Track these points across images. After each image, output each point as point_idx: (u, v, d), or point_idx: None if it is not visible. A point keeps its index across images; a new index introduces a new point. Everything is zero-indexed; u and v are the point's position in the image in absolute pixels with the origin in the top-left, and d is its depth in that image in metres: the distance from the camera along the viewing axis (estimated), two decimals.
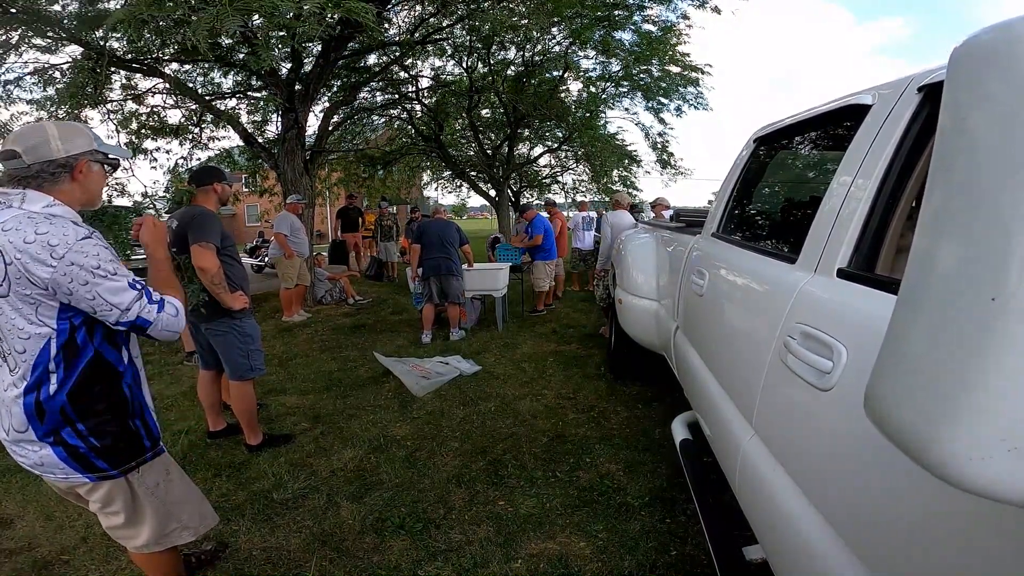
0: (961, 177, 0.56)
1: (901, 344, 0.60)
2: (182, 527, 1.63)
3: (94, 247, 1.30)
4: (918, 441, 0.56)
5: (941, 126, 0.60)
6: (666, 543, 2.20)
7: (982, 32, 0.55)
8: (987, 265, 0.51)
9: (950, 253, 0.56)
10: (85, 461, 1.39)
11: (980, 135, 0.54)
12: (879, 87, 1.38)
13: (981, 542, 0.73)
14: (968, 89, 0.57)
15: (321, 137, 8.00)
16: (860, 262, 1.17)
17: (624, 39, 9.72)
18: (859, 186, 1.24)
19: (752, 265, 1.77)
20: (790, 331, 1.24)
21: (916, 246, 0.61)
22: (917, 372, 0.57)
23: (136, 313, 1.35)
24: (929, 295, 0.57)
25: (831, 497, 1.05)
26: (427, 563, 2.12)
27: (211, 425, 3.25)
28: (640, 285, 3.38)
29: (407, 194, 17.16)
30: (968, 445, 0.51)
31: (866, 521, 0.94)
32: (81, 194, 1.41)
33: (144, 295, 1.37)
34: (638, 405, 3.66)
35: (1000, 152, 0.51)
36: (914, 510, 0.82)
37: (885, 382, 0.62)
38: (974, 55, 0.56)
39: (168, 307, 1.42)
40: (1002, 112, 0.52)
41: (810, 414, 1.14)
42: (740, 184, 2.38)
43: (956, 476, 0.52)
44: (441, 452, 3.05)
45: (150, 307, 1.37)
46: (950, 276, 0.55)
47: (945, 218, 0.58)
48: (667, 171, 13.37)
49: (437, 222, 5.58)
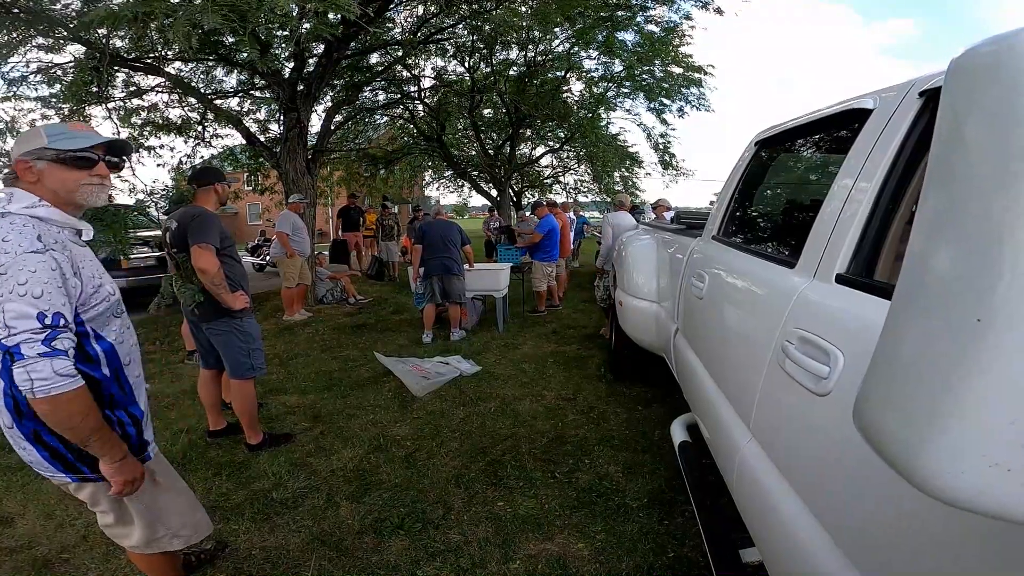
0: (956, 187, 0.56)
1: (891, 355, 0.61)
2: (172, 535, 1.62)
3: (36, 264, 1.23)
4: (900, 451, 0.56)
5: (937, 135, 0.61)
6: (664, 544, 2.20)
7: (981, 44, 0.56)
8: (976, 277, 0.51)
9: (941, 264, 0.56)
10: (65, 461, 1.39)
11: (976, 145, 0.54)
12: (881, 91, 1.38)
13: (974, 548, 0.73)
14: (966, 100, 0.57)
15: (323, 136, 8.01)
16: (859, 268, 1.17)
17: (627, 40, 9.74)
18: (859, 191, 1.24)
19: (752, 269, 1.77)
20: (788, 336, 1.24)
21: (908, 257, 0.61)
22: (904, 383, 0.58)
23: (17, 341, 1.20)
24: (917, 308, 0.57)
25: (827, 501, 1.05)
26: (426, 563, 2.12)
27: (211, 424, 3.26)
28: (640, 287, 3.38)
29: (409, 194, 17.19)
30: (950, 458, 0.52)
31: (861, 526, 0.94)
32: (52, 194, 1.36)
33: (45, 342, 1.21)
34: (638, 407, 3.66)
35: (995, 162, 0.51)
36: (908, 516, 0.83)
37: (872, 392, 0.63)
38: (973, 67, 0.56)
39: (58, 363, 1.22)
40: (998, 123, 0.52)
41: (807, 419, 1.14)
42: (741, 187, 2.38)
43: (935, 488, 0.53)
44: (441, 452, 3.06)
45: (40, 347, 1.21)
46: (939, 288, 0.55)
47: (938, 228, 0.58)
48: (669, 172, 13.39)
49: (439, 222, 5.59)
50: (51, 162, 1.36)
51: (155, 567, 1.69)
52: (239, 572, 2.09)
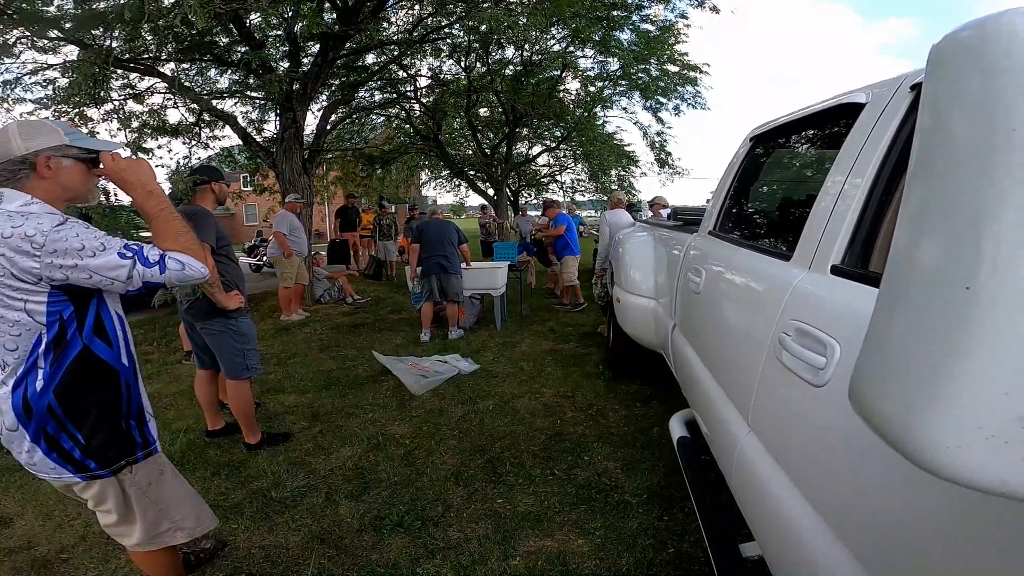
0: (940, 171, 0.56)
1: (882, 335, 0.61)
2: (175, 528, 1.63)
3: (72, 230, 1.29)
4: (898, 430, 0.56)
5: (920, 123, 0.60)
6: (664, 540, 2.20)
7: (960, 29, 0.55)
8: (963, 256, 0.51)
9: (928, 246, 0.56)
10: (74, 461, 1.39)
11: (958, 131, 0.54)
12: (873, 86, 1.39)
13: (974, 537, 0.73)
14: (946, 86, 0.57)
15: (319, 136, 7.99)
16: (854, 258, 1.18)
17: (623, 39, 9.73)
18: (853, 183, 1.25)
19: (748, 262, 1.78)
20: (785, 327, 1.24)
21: (897, 240, 0.61)
22: (897, 362, 0.57)
23: (139, 281, 1.35)
24: (909, 287, 0.57)
25: (826, 493, 1.06)
26: (425, 561, 2.12)
27: (209, 424, 3.25)
28: (638, 283, 3.39)
29: (406, 193, 17.17)
30: (945, 433, 0.51)
31: (860, 517, 0.94)
32: (60, 190, 1.39)
33: (138, 260, 1.35)
34: (636, 403, 3.67)
35: (977, 148, 0.51)
36: (908, 505, 0.83)
37: (867, 372, 0.63)
38: (952, 53, 0.56)
39: (171, 263, 1.40)
40: (978, 108, 0.52)
41: (805, 410, 1.14)
42: (736, 182, 2.39)
43: (934, 464, 0.52)
44: (439, 450, 3.06)
45: (150, 270, 1.36)
46: (928, 268, 0.55)
47: (924, 210, 0.58)
48: (665, 170, 13.40)
49: (436, 221, 5.59)
50: (75, 160, 1.41)
51: (156, 565, 1.69)
52: (239, 571, 2.09)
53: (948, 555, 0.77)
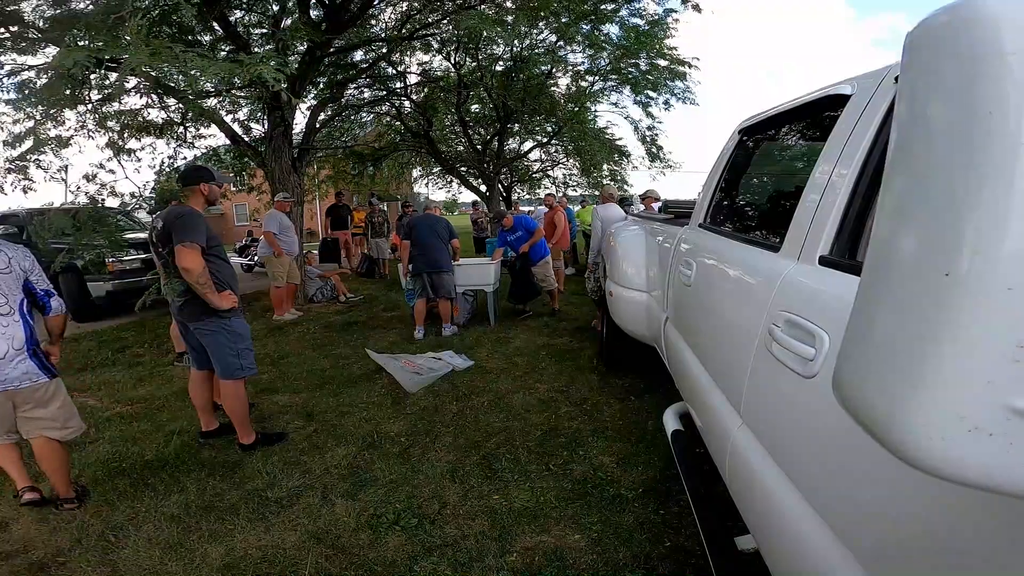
0: (918, 158, 0.55)
1: (863, 325, 0.60)
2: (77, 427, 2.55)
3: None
4: (882, 422, 0.54)
5: (897, 110, 0.60)
6: (660, 534, 2.22)
7: (933, 15, 0.55)
8: (942, 242, 0.50)
9: (907, 233, 0.55)
10: (44, 367, 2.35)
11: (935, 117, 0.54)
12: (859, 77, 1.39)
13: (967, 529, 0.73)
14: (922, 73, 0.56)
15: (309, 134, 7.93)
16: (841, 249, 1.19)
17: (612, 33, 9.73)
18: (840, 174, 1.25)
19: (737, 254, 1.79)
20: (775, 319, 1.25)
21: (876, 229, 0.61)
22: (878, 352, 0.57)
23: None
24: (889, 275, 0.57)
25: (818, 485, 1.06)
26: (423, 558, 2.13)
27: (204, 425, 3.24)
28: (630, 277, 3.40)
29: (397, 190, 17.10)
30: (928, 425, 0.50)
31: (853, 508, 0.95)
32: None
33: None
34: (630, 397, 3.68)
35: (954, 133, 0.51)
36: (900, 497, 0.83)
37: (850, 363, 0.62)
38: (927, 39, 0.56)
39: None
40: (954, 93, 0.51)
41: (795, 402, 1.15)
42: (725, 175, 2.40)
43: (918, 458, 0.51)
44: (435, 447, 3.06)
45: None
46: (907, 255, 0.54)
47: (903, 197, 0.57)
48: (656, 164, 13.40)
49: (427, 217, 5.56)
50: None
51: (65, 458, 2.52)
52: (237, 571, 2.09)
53: (941, 546, 0.77)
